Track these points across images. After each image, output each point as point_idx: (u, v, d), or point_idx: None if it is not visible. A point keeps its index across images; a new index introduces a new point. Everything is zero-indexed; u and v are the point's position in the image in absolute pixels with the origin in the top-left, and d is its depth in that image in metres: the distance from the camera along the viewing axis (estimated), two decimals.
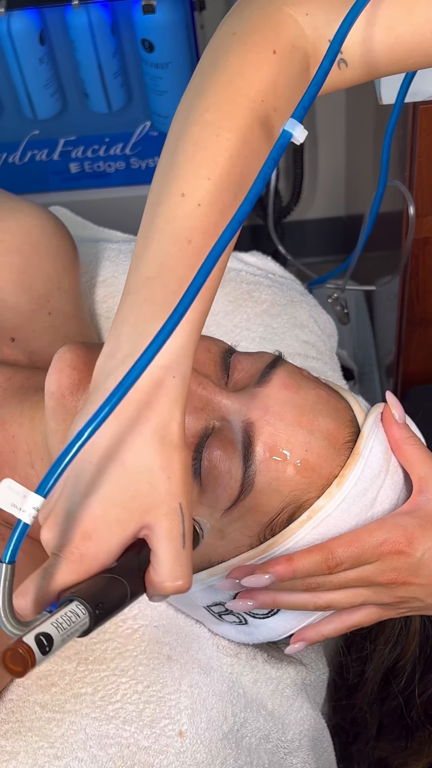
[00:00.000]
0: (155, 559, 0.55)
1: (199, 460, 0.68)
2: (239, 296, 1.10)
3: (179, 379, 0.56)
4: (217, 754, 0.76)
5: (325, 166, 1.85)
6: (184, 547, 0.55)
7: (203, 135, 0.59)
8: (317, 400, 0.71)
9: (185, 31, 1.37)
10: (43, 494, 0.50)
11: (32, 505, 0.50)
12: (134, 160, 1.56)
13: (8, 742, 0.74)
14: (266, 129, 0.61)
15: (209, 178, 0.58)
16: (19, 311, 0.89)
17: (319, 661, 0.88)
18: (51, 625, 0.49)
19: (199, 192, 0.58)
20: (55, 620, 0.49)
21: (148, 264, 0.58)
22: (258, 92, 0.61)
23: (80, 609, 0.51)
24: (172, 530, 0.55)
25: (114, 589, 0.54)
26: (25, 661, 0.47)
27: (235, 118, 0.60)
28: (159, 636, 0.80)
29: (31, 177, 1.59)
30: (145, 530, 0.55)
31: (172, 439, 0.55)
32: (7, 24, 1.37)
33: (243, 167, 0.59)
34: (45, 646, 0.47)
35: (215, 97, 0.60)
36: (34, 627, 0.48)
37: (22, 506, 0.50)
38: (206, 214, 0.58)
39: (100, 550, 0.54)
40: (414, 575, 0.69)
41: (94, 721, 0.75)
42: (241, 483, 0.68)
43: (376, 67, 0.65)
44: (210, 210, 0.58)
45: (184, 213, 0.58)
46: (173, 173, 0.59)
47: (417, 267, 1.22)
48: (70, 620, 0.50)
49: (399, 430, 0.73)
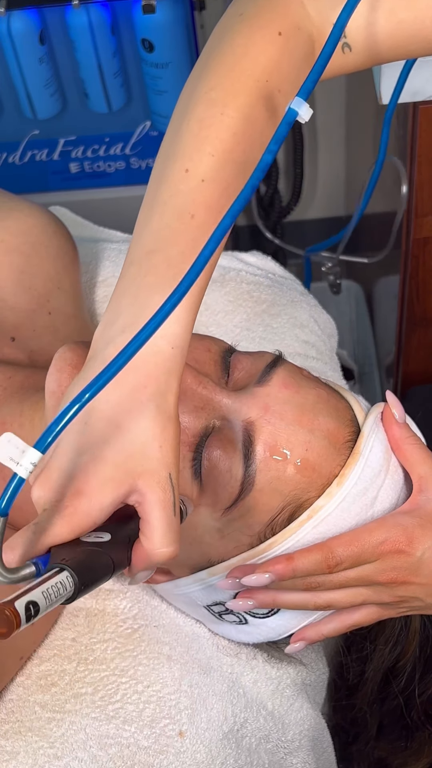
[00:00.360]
0: (147, 527, 0.56)
1: (200, 459, 0.68)
2: (239, 296, 1.10)
3: (178, 351, 0.57)
4: (217, 754, 0.76)
5: (325, 166, 1.85)
6: (175, 515, 0.56)
7: (208, 113, 0.60)
8: (317, 400, 0.71)
9: (185, 31, 1.37)
10: (42, 450, 0.50)
11: (30, 460, 0.50)
12: (134, 160, 1.56)
13: (8, 742, 0.74)
14: (270, 108, 0.62)
15: (213, 154, 0.59)
16: (19, 311, 0.89)
17: (319, 661, 0.88)
18: (41, 595, 0.50)
19: (202, 168, 0.59)
20: (46, 590, 0.50)
21: (151, 237, 0.58)
22: (263, 72, 0.62)
23: (69, 581, 0.51)
24: (165, 498, 0.55)
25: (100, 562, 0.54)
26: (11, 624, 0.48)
27: (239, 97, 0.61)
28: (159, 636, 0.80)
29: (31, 177, 1.58)
30: (136, 496, 0.55)
31: (167, 409, 0.56)
32: (7, 24, 1.37)
33: (246, 145, 0.60)
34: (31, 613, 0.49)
35: (221, 76, 0.61)
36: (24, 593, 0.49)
37: (19, 461, 0.50)
38: (210, 189, 0.59)
39: (92, 506, 0.54)
40: (414, 574, 0.69)
41: (94, 721, 0.75)
42: (241, 482, 0.68)
43: (379, 53, 0.66)
44: (213, 186, 0.59)
45: (188, 188, 0.59)
46: (177, 149, 0.60)
47: (417, 267, 1.22)
48: (57, 591, 0.51)
49: (399, 430, 0.73)
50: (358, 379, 1.70)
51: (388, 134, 0.98)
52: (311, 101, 1.74)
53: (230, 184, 0.59)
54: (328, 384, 0.76)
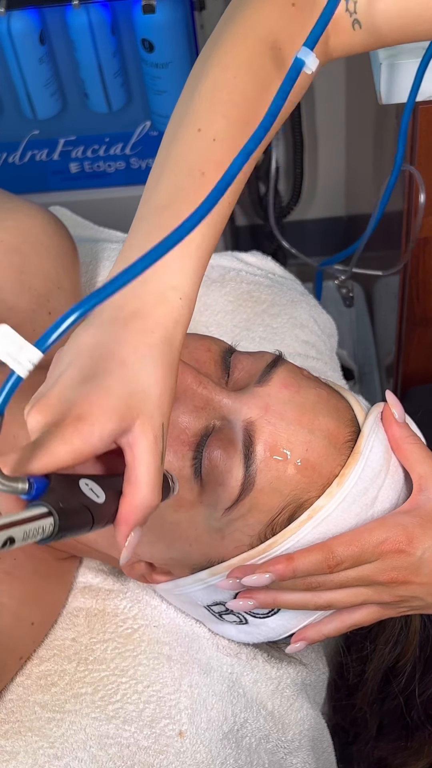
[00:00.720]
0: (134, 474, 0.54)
1: (200, 459, 0.68)
2: (239, 296, 1.10)
3: (185, 303, 0.57)
4: (217, 754, 0.76)
5: (325, 166, 1.85)
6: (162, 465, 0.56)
7: (221, 76, 0.62)
8: (318, 400, 0.71)
9: (185, 31, 1.37)
10: (42, 349, 0.48)
11: (28, 357, 0.48)
12: (134, 160, 1.56)
13: (8, 742, 0.74)
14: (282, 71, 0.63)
15: (225, 116, 0.61)
16: (19, 311, 0.89)
17: (319, 661, 0.88)
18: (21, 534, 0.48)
19: (214, 128, 0.61)
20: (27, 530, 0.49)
21: (161, 194, 0.59)
22: (276, 40, 0.64)
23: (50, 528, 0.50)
24: (156, 446, 0.55)
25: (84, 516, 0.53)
26: None
27: (252, 62, 0.63)
28: (159, 636, 0.80)
29: (31, 177, 1.58)
30: (129, 438, 0.54)
31: (171, 360, 0.56)
32: (7, 24, 1.37)
33: (258, 108, 0.62)
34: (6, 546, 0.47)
35: (235, 43, 0.64)
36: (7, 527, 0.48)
37: (17, 357, 0.48)
38: (221, 148, 0.60)
39: (93, 432, 0.53)
40: (414, 574, 0.69)
41: (94, 721, 0.75)
42: (241, 482, 0.68)
43: (387, 33, 0.68)
44: (225, 145, 0.60)
45: (199, 147, 0.60)
46: (191, 111, 0.62)
47: (417, 267, 1.22)
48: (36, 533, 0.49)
49: (399, 429, 0.73)
50: (358, 379, 1.70)
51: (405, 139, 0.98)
52: (311, 100, 1.74)
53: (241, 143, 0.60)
54: (328, 384, 0.76)
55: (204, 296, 1.10)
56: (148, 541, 0.71)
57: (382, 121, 1.32)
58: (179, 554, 0.72)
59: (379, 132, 1.37)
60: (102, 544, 0.76)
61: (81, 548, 0.79)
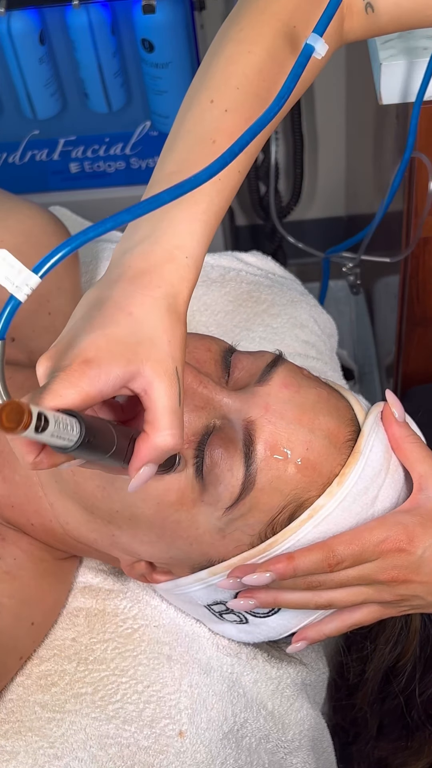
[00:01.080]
0: (153, 414, 0.55)
1: (201, 458, 0.68)
2: (239, 296, 1.10)
3: (192, 261, 0.59)
4: (217, 754, 0.76)
5: (325, 166, 1.85)
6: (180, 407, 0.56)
7: (236, 50, 0.65)
8: (318, 399, 0.71)
9: (185, 31, 1.37)
10: (40, 276, 0.48)
11: (27, 282, 0.47)
12: (134, 160, 1.56)
13: (8, 742, 0.74)
14: (294, 50, 0.66)
15: (238, 87, 0.63)
16: (19, 311, 0.89)
17: (319, 661, 0.88)
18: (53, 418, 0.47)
19: (227, 99, 0.63)
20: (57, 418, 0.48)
21: (173, 161, 0.62)
22: (291, 17, 0.66)
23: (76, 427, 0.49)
24: (172, 387, 0.55)
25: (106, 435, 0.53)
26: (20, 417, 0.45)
27: (266, 38, 0.65)
28: (159, 636, 0.80)
29: (31, 177, 1.59)
30: (142, 382, 0.55)
31: (178, 310, 0.57)
32: (7, 24, 1.37)
33: (270, 82, 0.64)
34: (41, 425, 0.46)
35: (250, 19, 0.66)
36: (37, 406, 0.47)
37: (16, 281, 0.48)
38: (232, 119, 0.62)
39: (100, 374, 0.53)
40: (415, 573, 0.69)
41: (94, 721, 0.75)
42: (242, 481, 0.68)
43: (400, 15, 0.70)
44: (236, 116, 0.62)
45: (212, 117, 0.62)
46: (205, 83, 0.64)
47: (417, 267, 1.22)
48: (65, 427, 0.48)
49: (399, 429, 0.73)
50: (358, 379, 1.70)
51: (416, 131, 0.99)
52: (311, 100, 1.74)
53: (252, 115, 0.62)
54: (329, 383, 0.76)
55: (204, 296, 1.10)
56: (149, 540, 0.71)
57: (382, 121, 1.32)
58: (180, 553, 0.72)
59: (379, 132, 1.37)
60: (102, 544, 0.76)
61: (81, 548, 0.79)
